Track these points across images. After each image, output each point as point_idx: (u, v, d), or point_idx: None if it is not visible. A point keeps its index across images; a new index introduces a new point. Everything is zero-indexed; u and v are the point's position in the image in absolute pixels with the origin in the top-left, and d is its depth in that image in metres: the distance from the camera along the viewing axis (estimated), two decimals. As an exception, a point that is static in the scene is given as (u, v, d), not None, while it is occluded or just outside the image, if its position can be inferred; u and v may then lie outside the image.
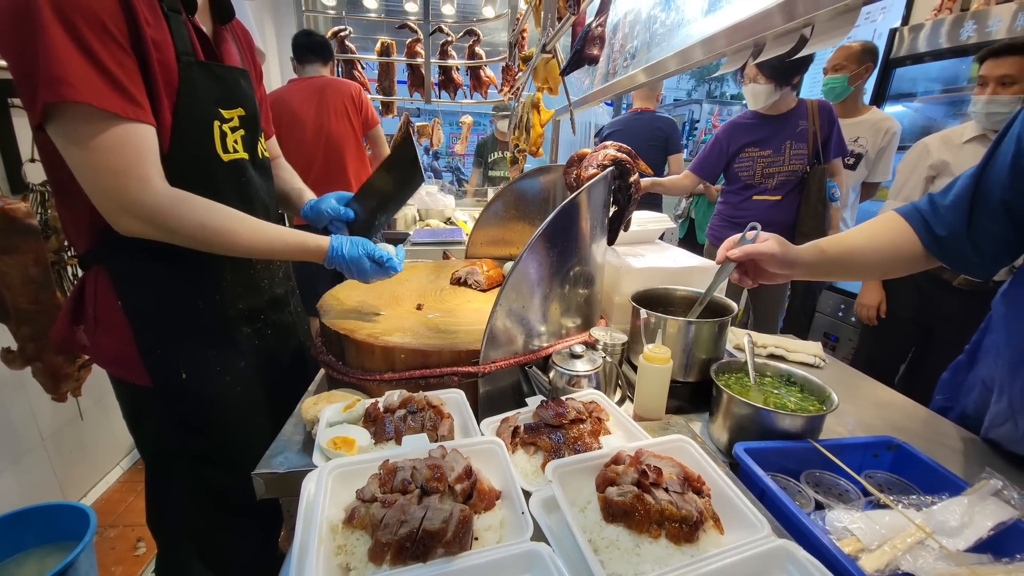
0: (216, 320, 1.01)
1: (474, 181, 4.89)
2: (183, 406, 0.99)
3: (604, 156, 1.08)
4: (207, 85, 0.90)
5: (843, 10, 0.75)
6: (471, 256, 1.68)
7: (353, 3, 4.15)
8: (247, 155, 1.00)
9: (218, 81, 0.93)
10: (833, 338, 2.99)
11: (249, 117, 1.00)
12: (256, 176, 1.04)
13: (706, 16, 1.14)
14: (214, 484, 1.04)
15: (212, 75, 0.92)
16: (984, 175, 0.82)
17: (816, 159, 2.24)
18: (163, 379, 0.96)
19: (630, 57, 1.67)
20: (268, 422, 1.05)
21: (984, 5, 2.33)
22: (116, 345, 0.95)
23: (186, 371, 0.97)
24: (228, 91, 0.95)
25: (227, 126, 0.94)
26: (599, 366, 0.92)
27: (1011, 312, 0.90)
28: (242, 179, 1.00)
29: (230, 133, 0.95)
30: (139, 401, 1.02)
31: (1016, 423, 0.86)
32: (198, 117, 0.89)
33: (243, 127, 0.98)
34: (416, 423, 0.76)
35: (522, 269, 0.91)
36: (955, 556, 0.62)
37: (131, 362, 0.95)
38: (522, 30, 2.61)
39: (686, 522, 0.55)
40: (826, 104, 2.30)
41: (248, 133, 1.00)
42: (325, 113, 2.48)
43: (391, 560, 0.52)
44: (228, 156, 0.95)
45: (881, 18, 3.16)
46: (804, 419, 0.81)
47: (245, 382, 1.05)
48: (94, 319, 0.95)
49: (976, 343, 1.05)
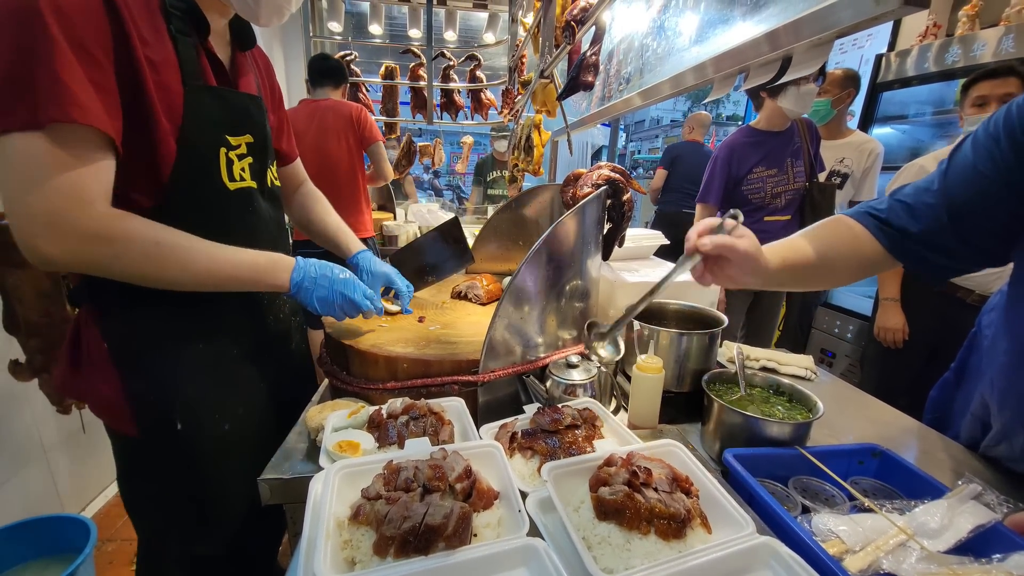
0: (216, 363, 0.93)
1: (474, 199, 4.98)
2: (176, 461, 0.90)
3: (599, 176, 1.14)
4: (215, 111, 0.86)
5: (817, 43, 0.80)
6: (471, 271, 1.72)
7: (359, 28, 4.30)
8: (255, 183, 0.96)
9: (227, 107, 0.89)
10: (830, 354, 3.01)
11: (258, 144, 0.95)
12: (264, 205, 1.00)
13: (694, 45, 1.21)
14: (205, 554, 0.97)
15: (221, 101, 0.88)
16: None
17: (812, 175, 2.30)
18: (154, 430, 0.88)
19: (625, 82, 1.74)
20: None
21: (969, 30, 2.43)
22: (104, 390, 0.86)
23: (182, 421, 0.88)
24: (236, 117, 0.91)
25: (234, 153, 0.90)
26: (594, 376, 0.96)
27: (1000, 334, 0.88)
28: (249, 208, 0.95)
29: (237, 160, 0.90)
30: (127, 454, 0.94)
31: (1011, 443, 0.87)
32: (204, 143, 0.85)
33: (251, 154, 0.94)
34: (418, 428, 0.79)
35: (520, 283, 0.95)
36: (936, 557, 0.65)
37: (119, 410, 0.86)
38: (521, 56, 2.70)
39: (674, 519, 0.58)
40: (811, 121, 2.39)
41: (256, 161, 0.96)
42: (324, 134, 2.58)
43: (394, 553, 0.54)
44: (235, 184, 0.91)
45: (868, 44, 3.28)
46: (792, 426, 0.84)
47: (246, 431, 0.98)
48: (85, 362, 0.87)
49: (962, 361, 1.06)
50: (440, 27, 3.82)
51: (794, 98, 2.12)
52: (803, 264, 0.86)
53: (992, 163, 0.73)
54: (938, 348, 2.07)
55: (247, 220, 0.95)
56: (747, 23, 0.98)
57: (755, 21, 0.95)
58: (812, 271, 0.87)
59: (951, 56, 2.42)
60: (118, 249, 0.73)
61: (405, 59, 3.64)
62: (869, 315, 2.41)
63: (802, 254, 0.87)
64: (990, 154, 0.74)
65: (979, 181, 0.75)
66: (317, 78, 2.69)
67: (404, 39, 3.94)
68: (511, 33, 2.74)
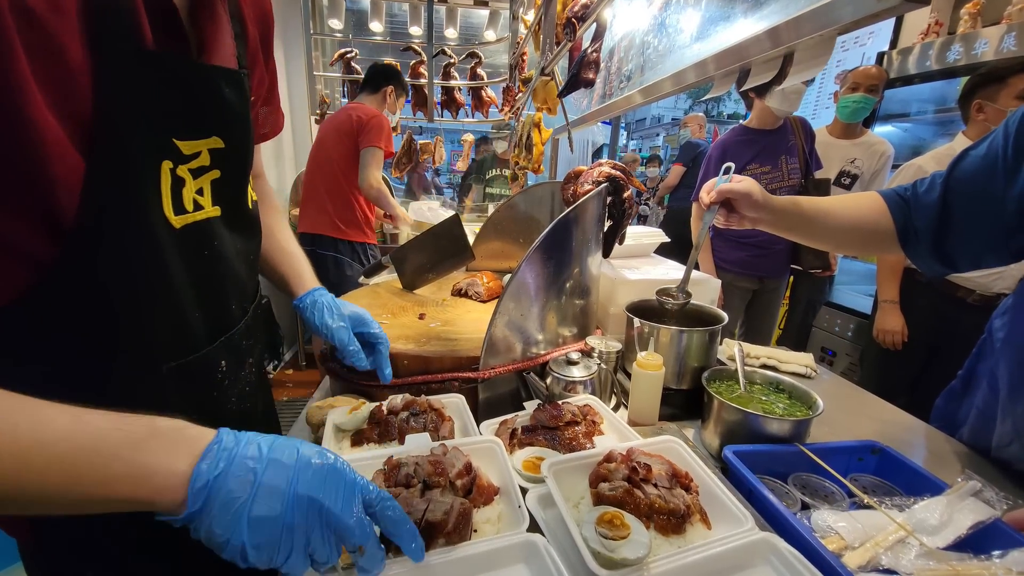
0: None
1: (472, 197, 4.98)
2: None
3: (599, 173, 1.14)
4: (155, 96, 0.52)
5: (819, 40, 0.80)
6: (471, 269, 1.72)
7: (359, 26, 4.29)
8: (219, 210, 0.64)
9: (178, 89, 0.55)
10: (830, 352, 3.01)
11: (232, 150, 0.63)
12: (231, 239, 0.67)
13: (696, 42, 1.21)
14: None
15: (168, 78, 0.54)
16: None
17: (808, 173, 2.30)
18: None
19: (626, 79, 1.74)
20: None
21: (971, 28, 2.42)
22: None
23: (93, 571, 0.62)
24: (195, 107, 0.57)
25: (185, 168, 0.57)
26: (594, 372, 0.96)
27: (1012, 332, 0.89)
28: (204, 251, 0.62)
29: (191, 179, 0.58)
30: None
31: (1022, 444, 0.86)
32: (132, 152, 0.51)
33: (217, 166, 0.62)
34: (419, 424, 0.80)
35: (520, 280, 0.95)
36: (935, 553, 0.65)
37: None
38: (522, 53, 2.70)
39: (673, 515, 0.58)
40: (805, 119, 2.39)
41: (226, 174, 0.64)
42: (332, 136, 2.61)
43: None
44: (183, 219, 0.58)
45: (870, 42, 3.27)
46: (791, 423, 0.84)
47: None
48: None
49: (970, 369, 1.04)
50: (441, 24, 3.81)
51: (780, 98, 2.15)
52: (812, 211, 0.94)
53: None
54: (938, 348, 2.07)
55: (197, 266, 0.62)
56: (748, 20, 0.98)
57: (757, 18, 0.95)
58: (820, 221, 0.94)
59: (953, 54, 2.41)
60: None
61: (406, 56, 3.64)
62: (869, 313, 2.41)
63: (815, 203, 0.95)
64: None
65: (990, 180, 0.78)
66: (361, 86, 2.77)
67: (405, 36, 3.94)
68: (512, 30, 2.74)
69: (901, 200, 0.90)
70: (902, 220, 0.89)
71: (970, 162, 0.82)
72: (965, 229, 0.82)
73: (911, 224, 0.88)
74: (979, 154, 0.81)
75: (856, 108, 2.46)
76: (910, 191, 0.90)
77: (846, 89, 2.48)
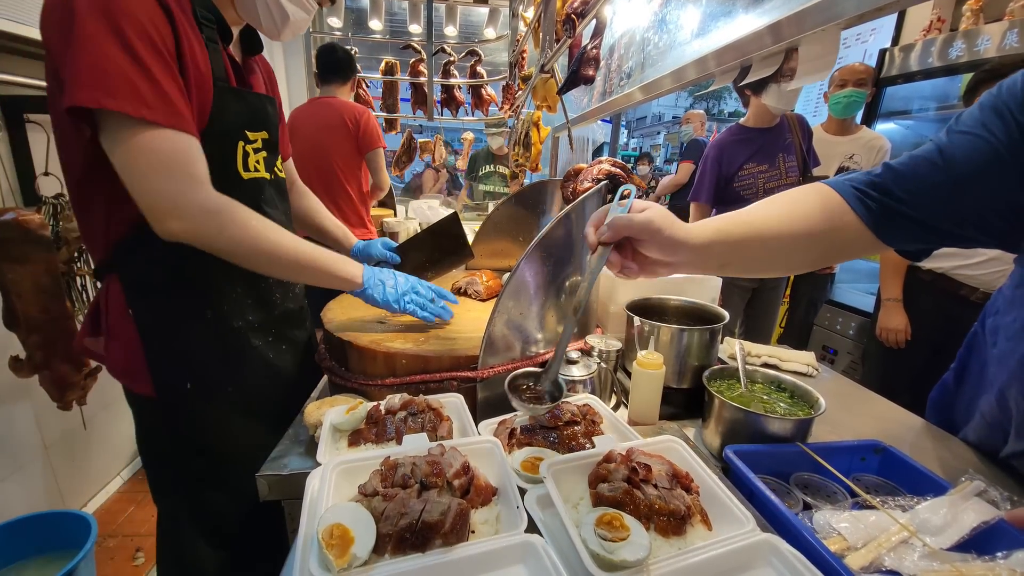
0: (222, 332, 1.01)
1: (464, 194, 4.94)
2: (187, 419, 1.00)
3: (599, 170, 1.13)
4: (236, 109, 0.97)
5: (821, 34, 0.79)
6: (471, 267, 1.72)
7: (359, 24, 4.28)
8: (268, 175, 1.06)
9: (247, 106, 1.00)
10: (832, 351, 3.00)
11: (272, 140, 1.06)
12: (273, 194, 1.10)
13: (697, 38, 1.20)
14: (213, 509, 1.05)
15: (243, 101, 0.99)
16: None
17: (806, 171, 2.30)
18: (168, 390, 0.98)
19: (626, 76, 1.73)
20: (272, 442, 0.96)
21: (973, 25, 2.41)
22: (125, 355, 0.97)
23: (192, 382, 0.98)
24: (255, 115, 1.01)
25: (251, 147, 1.00)
26: (594, 372, 0.95)
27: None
28: (260, 196, 1.05)
29: (252, 153, 1.01)
30: (145, 413, 1.04)
31: None
32: (225, 137, 0.95)
33: (265, 149, 1.04)
34: (416, 424, 0.79)
35: (519, 278, 0.95)
36: (938, 554, 0.64)
37: (139, 372, 0.96)
38: (522, 51, 2.69)
39: (674, 516, 0.57)
40: (802, 117, 2.38)
41: (269, 155, 1.06)
42: (324, 136, 2.52)
43: (391, 550, 0.54)
44: (248, 175, 1.01)
45: (872, 39, 3.26)
46: (793, 423, 0.83)
47: (251, 397, 1.06)
48: (107, 329, 0.98)
49: (962, 362, 1.03)
50: (441, 22, 3.79)
51: (777, 95, 2.13)
52: (748, 237, 0.70)
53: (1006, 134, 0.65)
54: (940, 346, 2.05)
55: (258, 207, 1.01)
56: (749, 15, 0.97)
57: (757, 13, 0.94)
58: (761, 246, 0.71)
59: (955, 51, 2.40)
60: (224, 221, 0.85)
61: (405, 55, 3.62)
62: (871, 312, 2.40)
63: (748, 225, 0.70)
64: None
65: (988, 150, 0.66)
66: (324, 73, 2.63)
67: (404, 35, 3.92)
68: (511, 28, 2.72)
69: (856, 188, 0.72)
70: (867, 203, 0.71)
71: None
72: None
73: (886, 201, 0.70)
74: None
75: (848, 103, 2.47)
76: (869, 174, 0.73)
77: (834, 87, 2.50)
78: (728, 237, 0.69)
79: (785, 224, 0.70)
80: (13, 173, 1.77)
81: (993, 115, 0.66)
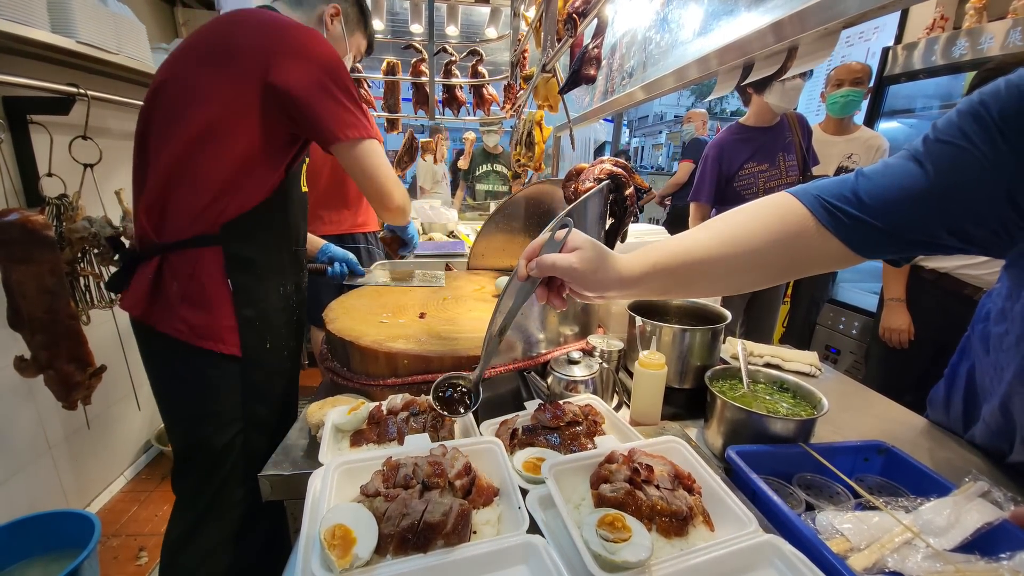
0: (288, 305, 1.24)
1: (460, 196, 4.92)
2: (262, 374, 1.17)
3: (600, 170, 1.12)
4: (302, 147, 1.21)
5: (824, 33, 0.79)
6: (473, 267, 1.72)
7: (360, 24, 4.27)
8: (306, 188, 1.32)
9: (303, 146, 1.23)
10: (834, 350, 3.00)
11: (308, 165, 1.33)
12: (304, 205, 1.34)
13: (699, 37, 1.19)
14: (235, 499, 1.16)
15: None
16: None
17: (806, 170, 2.29)
18: (252, 349, 1.13)
19: (627, 76, 1.73)
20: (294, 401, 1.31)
21: (976, 23, 2.39)
22: (210, 318, 1.09)
23: (271, 343, 1.17)
24: (303, 148, 1.21)
25: (304, 167, 1.27)
26: (595, 372, 0.95)
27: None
28: (305, 205, 1.32)
29: (303, 173, 1.27)
30: (221, 370, 1.14)
31: None
32: (297, 164, 1.20)
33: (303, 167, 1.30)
34: (418, 424, 0.79)
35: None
36: (942, 555, 0.64)
37: (226, 333, 1.10)
38: (523, 50, 2.68)
39: (676, 517, 0.57)
40: (802, 115, 2.37)
41: (304, 175, 1.31)
42: None
43: (393, 551, 0.54)
44: (304, 190, 1.29)
45: (875, 37, 3.24)
46: (796, 423, 0.83)
47: (295, 359, 1.30)
48: (180, 296, 1.08)
49: (953, 368, 1.02)
50: (442, 22, 3.79)
51: (780, 93, 2.13)
52: (686, 266, 0.67)
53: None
54: (944, 346, 2.04)
55: (305, 213, 1.32)
56: (752, 14, 0.96)
57: (760, 12, 0.93)
58: (701, 275, 0.67)
59: (958, 49, 2.39)
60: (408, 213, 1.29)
61: (407, 55, 3.62)
62: (874, 311, 2.39)
63: (686, 254, 0.67)
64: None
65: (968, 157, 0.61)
66: None
67: (406, 34, 3.92)
68: (513, 27, 2.72)
69: (829, 194, 0.66)
70: (837, 215, 0.65)
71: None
72: None
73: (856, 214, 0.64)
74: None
75: (845, 102, 2.46)
76: (842, 183, 0.67)
77: (831, 87, 2.49)
78: (664, 269, 0.67)
79: (728, 248, 0.66)
80: (16, 174, 1.77)
81: (972, 122, 0.61)
